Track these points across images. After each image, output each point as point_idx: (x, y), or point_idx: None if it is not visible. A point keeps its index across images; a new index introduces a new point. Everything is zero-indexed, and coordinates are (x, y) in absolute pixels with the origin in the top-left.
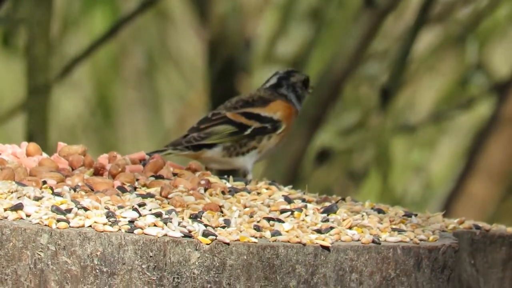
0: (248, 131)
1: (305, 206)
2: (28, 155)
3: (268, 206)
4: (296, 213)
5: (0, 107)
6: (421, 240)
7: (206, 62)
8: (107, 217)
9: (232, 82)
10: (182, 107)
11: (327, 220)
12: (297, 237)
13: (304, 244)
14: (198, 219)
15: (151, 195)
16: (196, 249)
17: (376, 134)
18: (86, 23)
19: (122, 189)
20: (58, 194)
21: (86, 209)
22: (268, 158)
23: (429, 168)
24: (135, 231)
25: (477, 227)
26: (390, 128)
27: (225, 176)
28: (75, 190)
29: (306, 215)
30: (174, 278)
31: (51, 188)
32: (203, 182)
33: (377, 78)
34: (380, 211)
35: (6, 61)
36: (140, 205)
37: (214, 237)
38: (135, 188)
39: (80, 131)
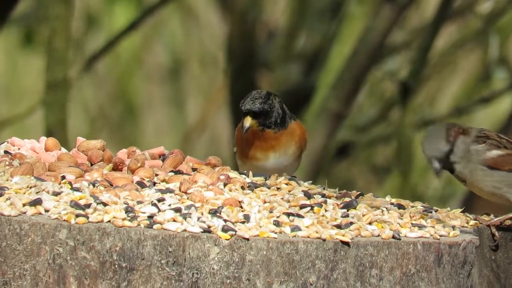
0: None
1: (325, 202)
2: (47, 150)
3: (288, 201)
4: (316, 208)
5: (20, 103)
6: (441, 235)
7: (227, 56)
8: (126, 212)
9: (253, 77)
10: (204, 102)
11: (347, 216)
12: (316, 232)
13: (324, 240)
14: (218, 214)
15: (170, 190)
16: (216, 245)
17: (397, 129)
18: (108, 17)
19: (141, 184)
20: (77, 189)
21: (105, 204)
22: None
23: None
24: (154, 226)
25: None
26: (411, 123)
27: (245, 171)
28: (94, 185)
29: (326, 211)
30: (193, 273)
31: (70, 183)
32: (222, 177)
33: (398, 73)
34: (400, 206)
35: (26, 57)
36: (159, 200)
37: (233, 232)
38: (154, 183)
39: (102, 126)
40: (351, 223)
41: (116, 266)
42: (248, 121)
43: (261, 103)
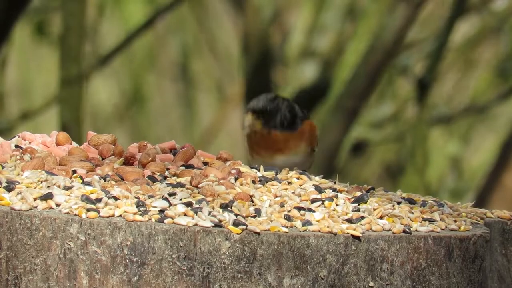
0: None
1: (336, 196)
2: (58, 144)
3: (299, 195)
4: (327, 202)
5: (33, 99)
6: (452, 230)
7: (242, 54)
8: (137, 207)
9: (268, 75)
10: (219, 99)
11: (358, 210)
12: (327, 226)
13: (335, 234)
14: (229, 208)
15: (181, 185)
16: (227, 239)
17: (413, 126)
18: (122, 13)
19: (152, 179)
20: (88, 184)
21: (116, 199)
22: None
23: (465, 160)
24: (165, 221)
25: None
26: (427, 120)
27: (256, 166)
28: (105, 180)
29: (337, 205)
30: (204, 268)
31: (81, 178)
32: (233, 171)
33: (413, 69)
34: (411, 201)
35: (39, 53)
36: (170, 195)
37: (244, 226)
38: (165, 178)
39: (115, 122)
40: (362, 217)
41: (127, 261)
42: (248, 119)
43: (265, 102)
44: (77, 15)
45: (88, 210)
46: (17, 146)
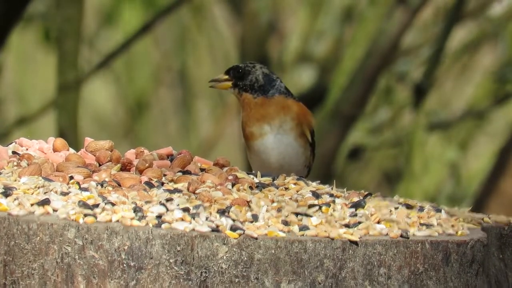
0: None
1: (333, 201)
2: (55, 150)
3: (296, 201)
4: (324, 208)
5: (30, 105)
6: (449, 234)
7: (240, 59)
8: (134, 212)
9: None
10: (217, 105)
11: (355, 215)
12: (325, 231)
13: (332, 239)
14: (226, 214)
15: (178, 191)
16: (224, 244)
17: (410, 132)
18: (120, 18)
19: (149, 185)
20: (85, 190)
21: (113, 204)
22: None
23: (463, 165)
24: (163, 226)
25: None
26: (424, 126)
27: (253, 172)
28: (102, 186)
29: (334, 210)
30: (201, 272)
31: (78, 184)
32: (230, 177)
33: (411, 75)
34: (408, 206)
35: (36, 58)
36: (167, 200)
37: (242, 231)
38: (162, 184)
39: (113, 128)
40: (360, 222)
41: (125, 265)
42: (219, 77)
43: (240, 64)
44: (74, 20)
45: (86, 215)
46: (14, 152)
